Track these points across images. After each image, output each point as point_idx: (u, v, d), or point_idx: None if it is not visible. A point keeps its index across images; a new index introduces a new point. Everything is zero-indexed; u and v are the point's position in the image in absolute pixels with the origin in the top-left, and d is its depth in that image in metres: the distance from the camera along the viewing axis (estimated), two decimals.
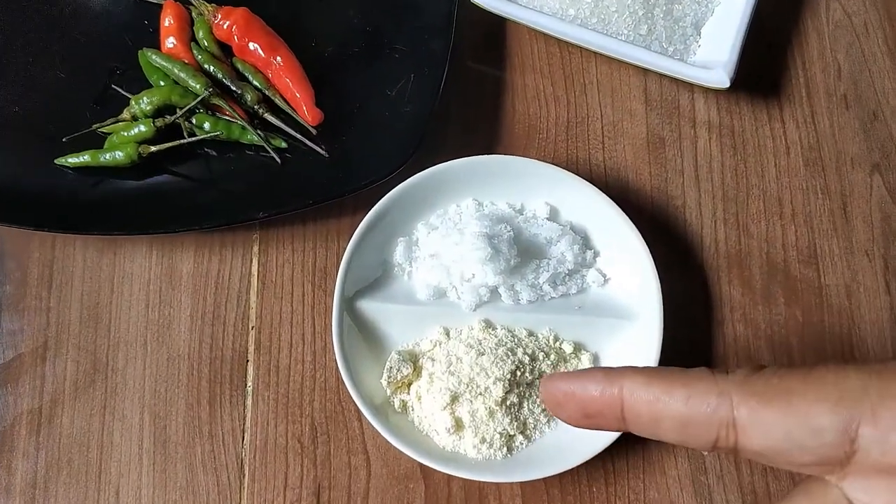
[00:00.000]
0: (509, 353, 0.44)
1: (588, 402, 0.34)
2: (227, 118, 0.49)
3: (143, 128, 0.48)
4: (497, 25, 0.55)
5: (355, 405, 0.43)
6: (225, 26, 0.50)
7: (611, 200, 0.47)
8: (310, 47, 0.52)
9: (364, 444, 0.46)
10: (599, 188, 0.48)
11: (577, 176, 0.48)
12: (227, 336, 0.48)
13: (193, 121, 0.49)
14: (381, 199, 0.47)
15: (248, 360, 0.48)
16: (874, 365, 0.31)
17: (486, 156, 0.48)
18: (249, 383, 0.47)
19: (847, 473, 0.30)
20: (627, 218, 0.47)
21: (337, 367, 0.44)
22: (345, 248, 0.46)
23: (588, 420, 0.34)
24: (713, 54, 0.52)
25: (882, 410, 0.29)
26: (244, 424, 0.47)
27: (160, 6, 0.52)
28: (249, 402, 0.47)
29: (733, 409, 0.31)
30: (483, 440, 0.43)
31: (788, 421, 0.30)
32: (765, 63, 0.56)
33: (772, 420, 0.30)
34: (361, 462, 0.46)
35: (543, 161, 0.48)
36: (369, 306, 0.46)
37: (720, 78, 0.49)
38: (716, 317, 0.50)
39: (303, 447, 0.46)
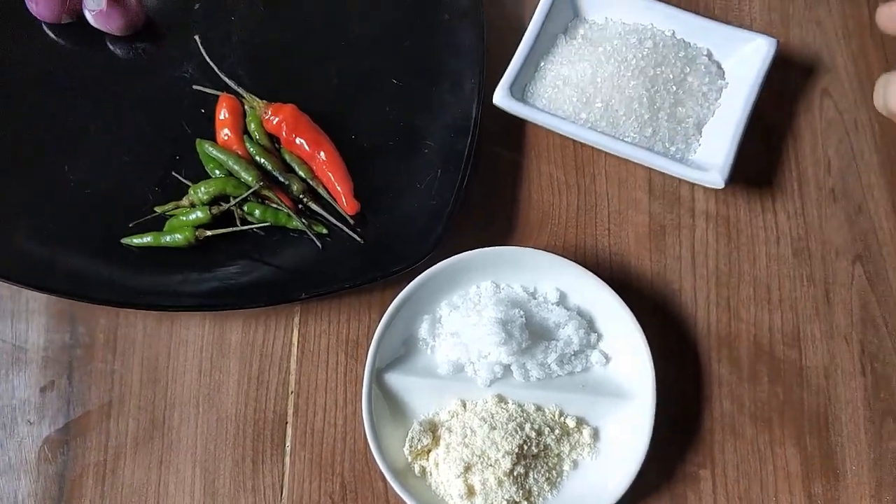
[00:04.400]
0: (518, 429, 0.50)
1: None
2: (275, 206, 0.55)
3: (200, 214, 0.54)
4: (518, 120, 0.61)
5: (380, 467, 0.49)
6: (275, 122, 0.56)
7: (611, 290, 0.53)
8: (350, 140, 0.58)
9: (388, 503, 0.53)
10: (604, 273, 0.54)
11: (583, 267, 0.53)
12: (269, 399, 0.54)
13: (245, 208, 0.55)
14: (408, 284, 0.53)
15: (287, 422, 0.54)
16: None
17: (502, 247, 0.54)
18: (288, 443, 0.54)
19: None
20: (626, 306, 0.52)
21: (365, 432, 0.50)
22: (375, 322, 0.52)
23: None
24: (712, 154, 0.57)
25: None
26: (283, 480, 0.53)
27: (215, 96, 0.58)
28: (288, 460, 0.53)
29: None
30: None
31: None
32: (762, 157, 0.61)
33: None
34: None
35: (553, 251, 0.54)
36: (396, 379, 0.52)
37: (715, 179, 0.55)
38: (704, 392, 0.56)
39: (334, 503, 0.53)
